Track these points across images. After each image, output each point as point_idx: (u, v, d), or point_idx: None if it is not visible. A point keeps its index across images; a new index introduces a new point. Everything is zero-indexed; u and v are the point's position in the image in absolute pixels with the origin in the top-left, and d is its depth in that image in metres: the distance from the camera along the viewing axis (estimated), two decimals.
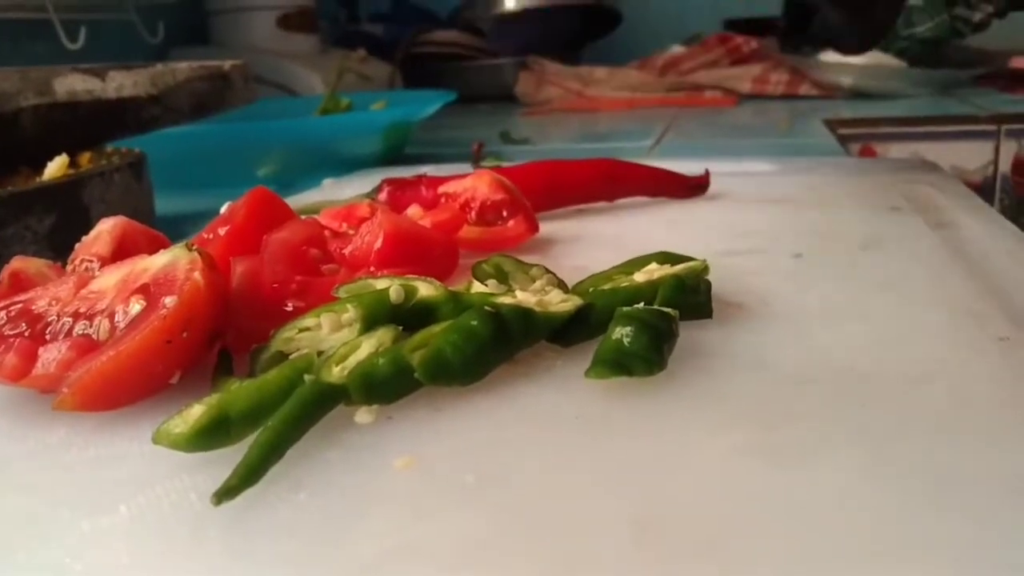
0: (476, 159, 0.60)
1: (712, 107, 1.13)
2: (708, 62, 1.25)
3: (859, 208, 0.45)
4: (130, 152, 0.53)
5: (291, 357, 0.25)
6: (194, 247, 0.26)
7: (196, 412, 0.22)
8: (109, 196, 0.44)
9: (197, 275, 0.25)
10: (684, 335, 0.26)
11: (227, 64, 0.59)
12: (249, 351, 0.26)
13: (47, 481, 0.22)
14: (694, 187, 0.48)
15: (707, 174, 0.48)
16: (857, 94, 1.09)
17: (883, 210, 0.44)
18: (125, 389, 0.24)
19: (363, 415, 0.23)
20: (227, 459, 0.20)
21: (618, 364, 0.23)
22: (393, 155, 0.75)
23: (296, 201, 0.57)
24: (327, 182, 0.63)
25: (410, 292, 0.27)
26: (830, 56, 1.06)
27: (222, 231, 0.31)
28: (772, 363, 0.25)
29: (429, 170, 0.66)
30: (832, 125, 0.90)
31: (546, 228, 0.42)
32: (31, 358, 0.25)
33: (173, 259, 0.26)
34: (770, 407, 0.22)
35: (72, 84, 0.55)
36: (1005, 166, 0.91)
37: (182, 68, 0.57)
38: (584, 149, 0.85)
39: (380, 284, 0.27)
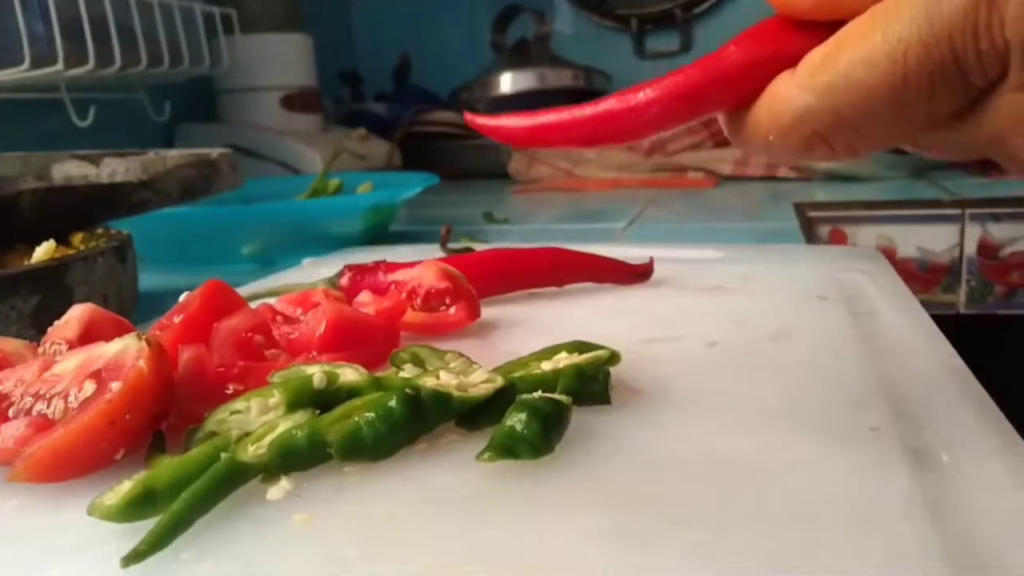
0: (444, 243, 0.63)
1: (693, 188, 1.17)
2: (693, 144, 1.30)
3: (787, 297, 0.48)
4: (118, 234, 0.57)
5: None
6: (143, 336, 0.29)
7: (126, 487, 0.25)
8: (92, 278, 0.48)
9: (142, 362, 0.28)
10: (580, 420, 0.29)
11: (215, 152, 0.63)
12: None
13: None
14: (637, 274, 0.51)
15: (651, 262, 0.52)
16: (832, 176, 1.13)
17: (810, 299, 0.47)
18: (73, 464, 0.27)
19: (275, 492, 0.26)
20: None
21: (507, 448, 0.26)
22: (376, 233, 0.79)
23: (276, 280, 0.60)
24: (306, 261, 0.67)
25: (332, 378, 0.30)
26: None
27: (177, 319, 0.34)
28: (651, 448, 0.28)
29: (405, 251, 0.70)
30: (803, 208, 0.93)
31: (493, 312, 0.46)
32: None
33: (124, 347, 0.29)
34: (635, 490, 0.25)
35: (69, 169, 0.59)
36: (971, 248, 0.94)
37: (172, 156, 0.62)
38: (560, 229, 0.89)
39: (310, 370, 0.30)
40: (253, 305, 0.43)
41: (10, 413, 0.29)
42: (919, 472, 0.27)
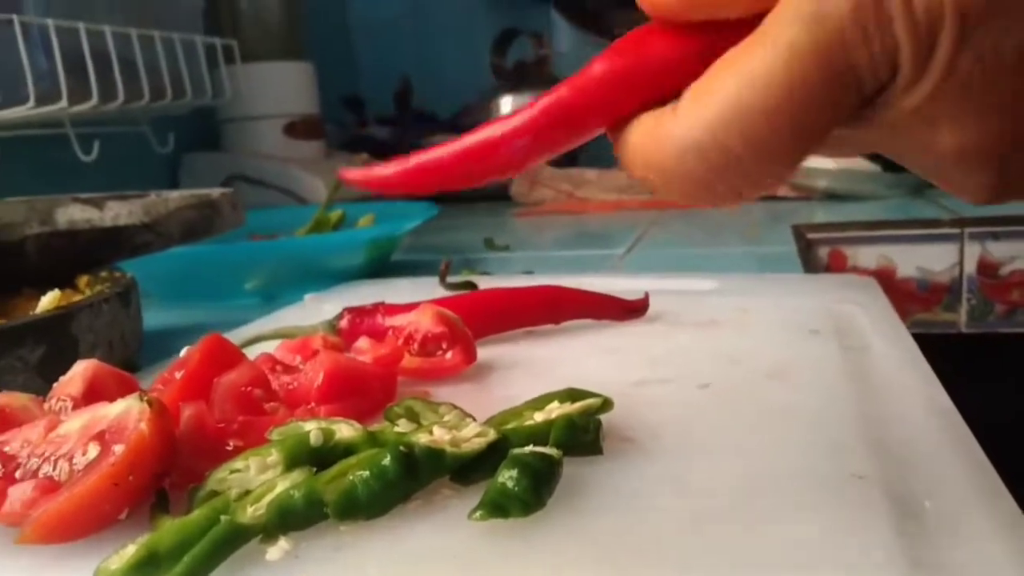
0: (443, 277, 0.64)
1: (693, 208, 1.18)
2: None
3: (781, 331, 0.48)
4: (121, 277, 0.58)
5: (221, 496, 0.29)
6: (145, 397, 0.30)
7: (130, 551, 0.25)
8: (97, 325, 0.49)
9: (143, 425, 0.29)
10: (571, 471, 0.30)
11: (216, 192, 0.64)
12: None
13: None
14: (633, 311, 0.52)
15: (646, 297, 0.53)
16: (832, 196, 1.14)
17: (803, 333, 0.48)
18: (78, 526, 0.28)
19: (274, 552, 0.27)
20: None
21: (498, 506, 0.27)
22: (378, 264, 0.80)
23: (277, 318, 0.61)
24: (308, 297, 0.68)
25: (328, 435, 0.30)
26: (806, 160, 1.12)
27: (178, 375, 0.35)
28: (639, 501, 0.29)
29: (405, 284, 0.71)
30: (801, 230, 0.94)
31: (489, 353, 0.46)
32: (1, 496, 0.29)
33: (127, 409, 0.30)
34: (623, 547, 0.26)
35: (72, 213, 0.60)
36: (971, 267, 0.94)
37: (174, 197, 0.63)
38: (559, 257, 0.90)
39: (307, 427, 0.31)
40: (254, 349, 0.44)
41: (17, 475, 0.30)
42: (901, 521, 0.27)
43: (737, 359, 0.44)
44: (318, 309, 0.65)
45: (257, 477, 0.29)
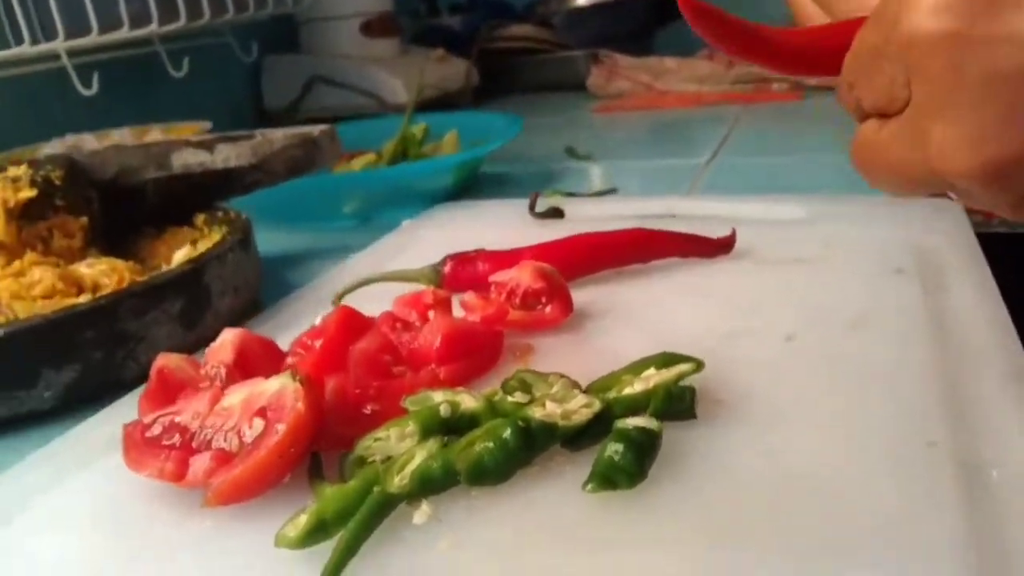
0: (532, 208, 0.67)
1: (778, 102, 1.16)
2: None
3: (865, 270, 0.50)
4: (237, 217, 0.62)
5: (368, 461, 0.34)
6: (297, 376, 0.35)
7: (302, 520, 0.31)
8: (225, 273, 0.53)
9: (299, 405, 0.34)
10: (669, 436, 0.34)
11: (316, 130, 0.68)
12: (338, 451, 0.35)
13: (199, 566, 0.31)
14: (720, 247, 0.54)
15: (733, 234, 0.55)
16: None
17: (887, 272, 0.50)
18: (251, 491, 0.33)
19: (420, 515, 0.31)
20: (323, 549, 0.29)
21: (606, 479, 0.31)
22: (466, 183, 0.83)
23: (378, 248, 0.66)
24: (406, 224, 0.71)
25: (454, 407, 0.35)
26: None
27: (317, 344, 0.40)
28: (730, 471, 0.32)
29: (495, 207, 0.74)
30: None
31: (584, 296, 0.50)
32: (184, 464, 0.34)
33: (282, 386, 0.35)
34: (716, 519, 0.30)
35: (186, 157, 0.65)
36: None
37: (278, 137, 0.66)
38: (641, 167, 0.91)
39: (436, 397, 0.36)
40: (365, 292, 0.48)
41: (193, 444, 0.35)
42: (970, 490, 0.30)
43: (821, 307, 0.46)
44: (416, 233, 0.69)
45: (397, 445, 0.34)
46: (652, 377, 0.37)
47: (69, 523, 0.35)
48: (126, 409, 0.42)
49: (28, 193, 0.57)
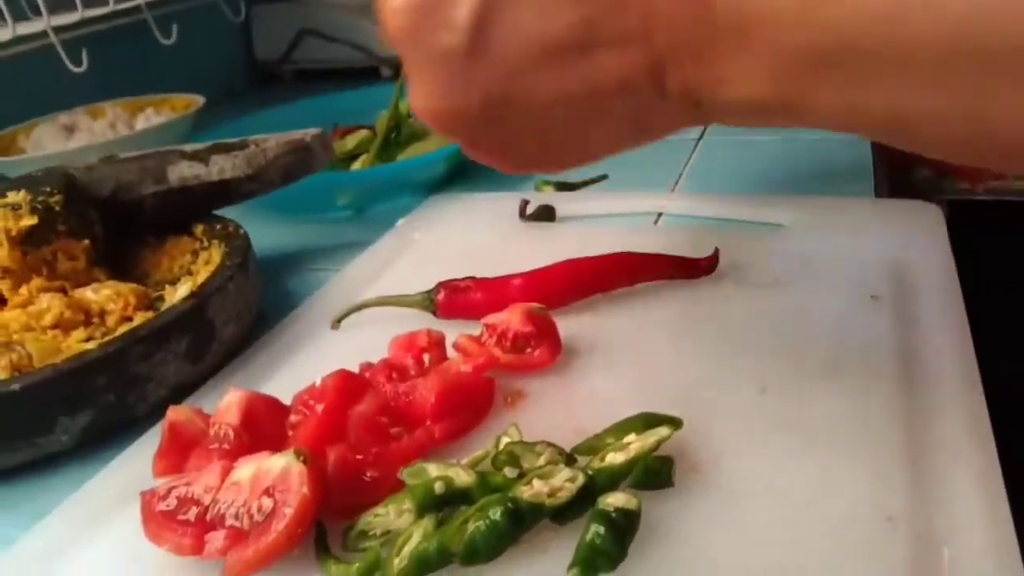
0: (522, 213, 0.68)
1: None
2: None
3: (843, 297, 0.52)
4: (235, 231, 0.64)
5: (368, 535, 0.37)
6: (302, 456, 0.37)
7: None
8: (226, 304, 0.55)
9: (305, 489, 0.36)
10: (646, 506, 0.37)
11: (308, 136, 0.68)
12: (340, 519, 0.38)
13: None
14: (703, 268, 0.56)
15: (716, 254, 0.57)
16: None
17: (864, 299, 0.52)
18: (263, 566, 0.36)
19: None
20: None
21: (590, 564, 0.34)
22: (457, 172, 0.84)
23: (372, 250, 0.67)
24: (400, 223, 0.73)
25: (448, 483, 0.38)
26: None
27: (319, 408, 0.42)
28: (703, 547, 0.35)
29: (485, 201, 0.75)
30: None
31: (571, 328, 0.52)
32: (200, 540, 0.37)
33: (287, 466, 0.37)
34: None
35: (182, 170, 0.66)
36: None
37: (271, 146, 0.67)
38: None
39: (431, 471, 0.38)
40: (354, 319, 0.50)
41: (207, 518, 0.38)
42: (918, 569, 0.33)
43: (794, 349, 0.48)
44: (411, 234, 0.71)
45: (395, 520, 0.37)
46: (633, 444, 0.39)
47: None
48: (139, 460, 0.45)
49: (30, 221, 0.58)
